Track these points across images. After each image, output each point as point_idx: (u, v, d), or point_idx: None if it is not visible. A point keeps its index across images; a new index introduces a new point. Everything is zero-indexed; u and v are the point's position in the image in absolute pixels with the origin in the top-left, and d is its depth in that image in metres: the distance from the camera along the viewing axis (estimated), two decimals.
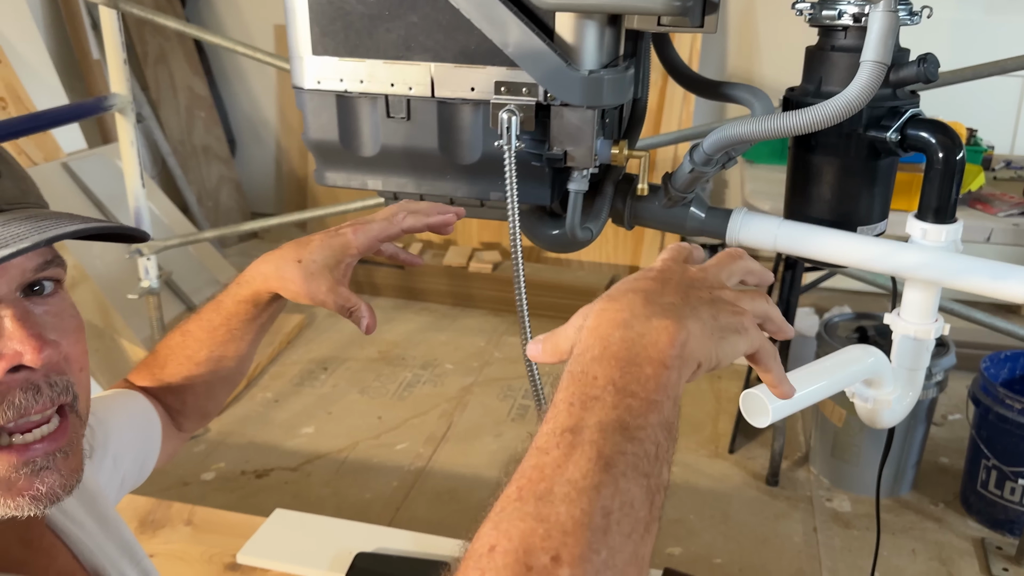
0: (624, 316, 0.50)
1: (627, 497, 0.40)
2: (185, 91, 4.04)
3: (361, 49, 0.88)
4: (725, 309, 0.53)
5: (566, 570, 0.36)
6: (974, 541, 2.06)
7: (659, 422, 0.44)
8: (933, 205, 0.87)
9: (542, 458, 0.41)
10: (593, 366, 0.47)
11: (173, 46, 3.98)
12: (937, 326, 0.91)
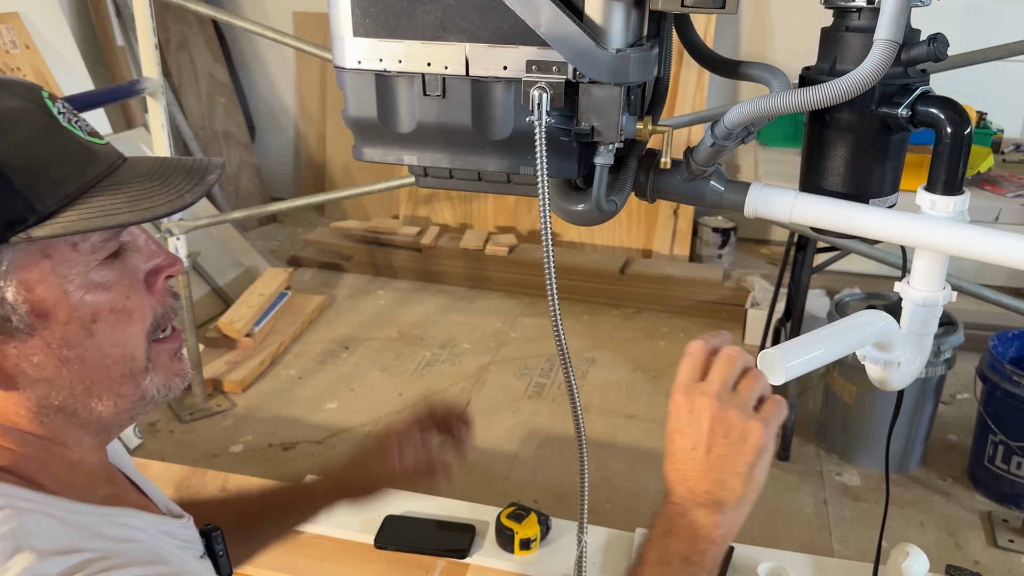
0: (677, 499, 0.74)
1: None
2: (206, 77, 4.07)
3: (400, 30, 0.92)
4: (740, 451, 0.72)
5: None
6: (981, 514, 2.09)
7: (710, 569, 0.72)
8: (942, 178, 0.90)
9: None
10: (666, 540, 0.72)
11: (194, 33, 4.02)
12: (945, 293, 0.94)
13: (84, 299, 0.57)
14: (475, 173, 1.03)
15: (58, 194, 0.55)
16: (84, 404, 0.60)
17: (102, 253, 0.59)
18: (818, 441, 2.38)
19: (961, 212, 0.91)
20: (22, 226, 0.53)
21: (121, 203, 0.57)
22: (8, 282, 0.54)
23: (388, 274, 3.58)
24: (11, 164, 0.53)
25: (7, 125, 0.54)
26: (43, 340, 0.57)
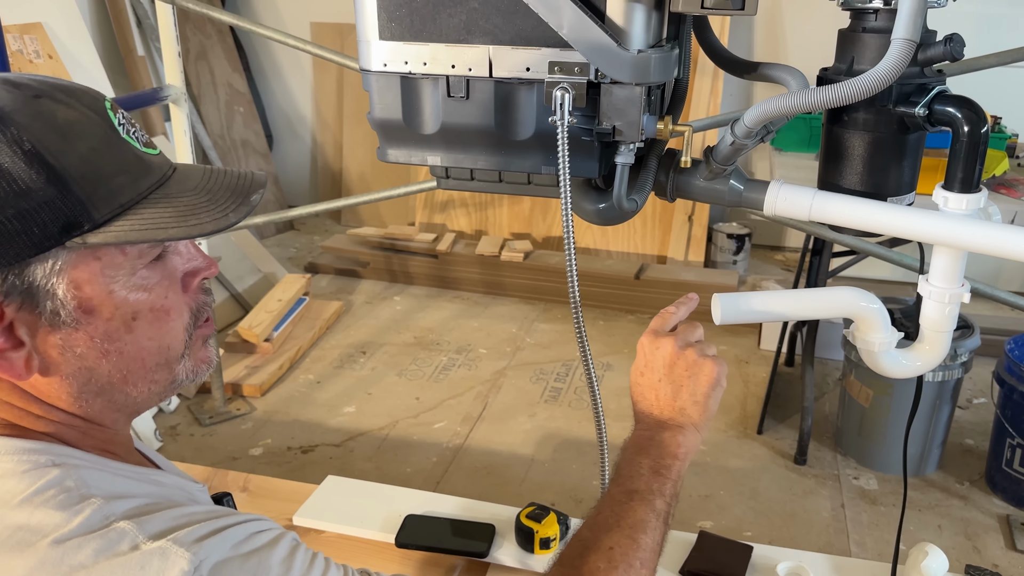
0: (645, 428, 0.87)
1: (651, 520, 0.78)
2: (225, 87, 4.12)
3: (425, 33, 0.94)
4: (696, 381, 0.86)
5: None
6: (999, 518, 2.08)
7: (675, 479, 0.82)
8: (959, 176, 0.91)
9: (619, 510, 0.79)
10: (638, 457, 0.84)
11: (213, 43, 4.06)
12: (963, 290, 0.95)
13: (127, 298, 0.61)
14: (496, 174, 1.04)
15: (113, 204, 0.58)
16: (120, 390, 0.64)
17: (146, 258, 0.62)
18: (835, 445, 2.37)
19: (981, 209, 0.92)
20: (78, 231, 0.56)
21: (170, 217, 0.60)
22: (60, 280, 0.58)
23: (404, 280, 3.59)
24: (73, 173, 0.56)
25: (73, 135, 0.57)
26: (87, 333, 0.60)
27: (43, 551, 0.54)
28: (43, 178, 0.55)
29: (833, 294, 0.98)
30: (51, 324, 0.59)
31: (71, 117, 0.58)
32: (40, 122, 0.56)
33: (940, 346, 0.98)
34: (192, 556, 0.54)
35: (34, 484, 0.57)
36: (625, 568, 0.74)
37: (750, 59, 1.07)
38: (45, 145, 0.55)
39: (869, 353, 0.99)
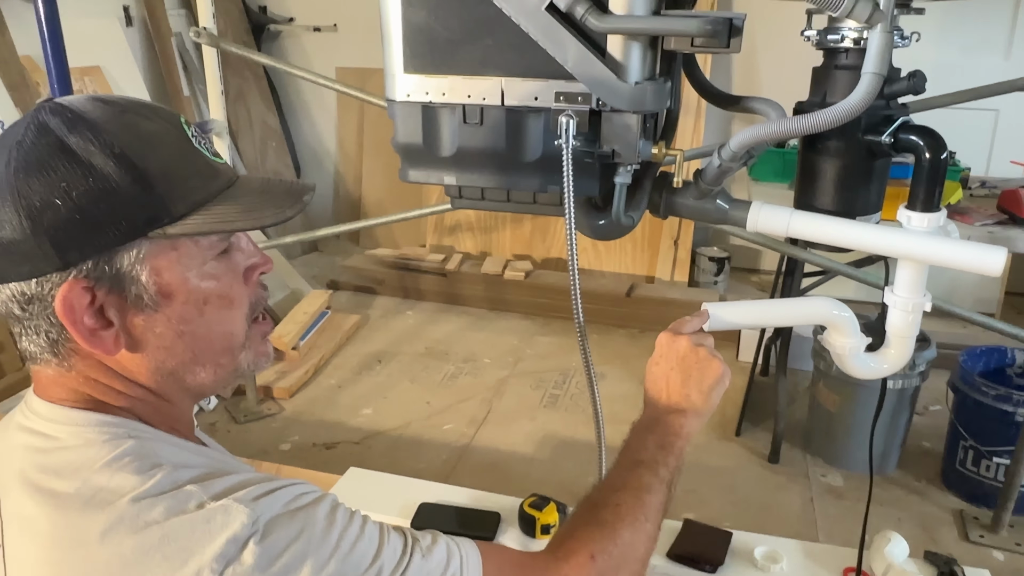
0: (654, 409, 0.89)
1: (656, 484, 0.80)
2: (260, 124, 4.13)
3: (444, 67, 0.95)
4: (703, 375, 0.88)
5: None
6: (953, 512, 2.07)
7: (678, 454, 0.85)
8: (921, 197, 0.92)
9: (626, 475, 0.81)
10: (645, 434, 0.86)
11: (250, 86, 4.09)
12: (925, 300, 0.95)
13: (199, 286, 0.63)
14: (505, 194, 1.05)
15: (188, 201, 0.60)
16: (190, 370, 0.65)
17: (216, 250, 0.64)
18: (804, 446, 2.36)
19: (940, 227, 0.92)
20: (158, 224, 0.59)
21: (236, 213, 0.62)
22: (143, 267, 0.59)
23: (416, 296, 3.59)
24: (155, 174, 0.58)
25: (154, 143, 0.60)
26: (165, 315, 0.62)
27: (122, 508, 0.55)
28: (130, 178, 0.57)
29: (810, 303, 0.99)
30: (135, 307, 0.60)
31: (152, 128, 0.61)
32: (127, 131, 0.59)
33: (904, 351, 0.98)
34: (250, 511, 0.55)
35: (113, 452, 0.58)
36: (631, 521, 0.75)
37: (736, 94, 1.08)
38: (132, 150, 0.58)
39: (840, 357, 0.99)
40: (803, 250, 1.80)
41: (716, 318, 0.94)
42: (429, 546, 0.64)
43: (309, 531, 0.57)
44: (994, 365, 2.20)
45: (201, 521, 0.54)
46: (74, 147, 0.56)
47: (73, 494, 0.57)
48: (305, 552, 0.56)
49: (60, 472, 0.58)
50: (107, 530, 0.54)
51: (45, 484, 0.58)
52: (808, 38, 0.95)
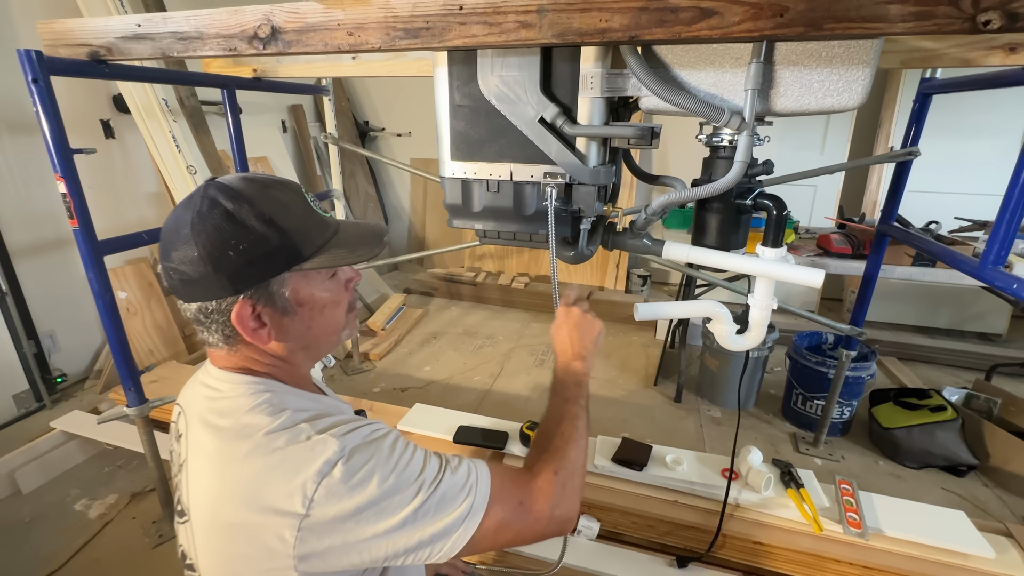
0: (563, 360, 0.81)
1: (580, 412, 0.74)
2: (363, 193, 4.13)
3: (475, 156, 0.94)
4: (592, 332, 0.82)
5: None
6: (789, 434, 2.04)
7: (586, 388, 0.78)
8: (771, 237, 0.90)
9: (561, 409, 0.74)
10: (565, 377, 0.78)
11: (357, 169, 4.09)
12: (773, 303, 0.94)
13: (321, 297, 0.61)
14: (512, 235, 1.04)
15: (312, 246, 0.59)
16: (316, 345, 0.64)
17: (329, 273, 0.63)
18: (697, 392, 2.34)
19: (784, 256, 0.91)
20: (296, 263, 0.58)
21: (345, 252, 0.61)
22: (286, 289, 0.59)
23: (458, 298, 3.57)
24: (291, 230, 0.57)
25: (289, 208, 0.58)
26: (300, 317, 0.61)
27: (258, 439, 0.54)
28: (276, 234, 0.56)
29: (703, 303, 0.96)
30: (281, 312, 0.59)
31: (286, 198, 0.59)
32: (271, 202, 0.57)
33: (759, 333, 0.96)
34: (340, 443, 0.54)
35: (255, 401, 0.57)
36: (573, 443, 0.71)
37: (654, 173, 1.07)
38: (276, 215, 0.57)
39: (720, 337, 0.97)
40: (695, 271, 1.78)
41: (643, 312, 0.92)
42: (456, 466, 0.60)
43: (377, 455, 0.55)
44: (814, 343, 2.17)
45: (308, 448, 0.53)
46: (236, 214, 0.55)
47: (228, 428, 0.55)
48: (373, 469, 0.54)
49: (222, 413, 0.57)
50: (248, 453, 0.53)
51: (212, 421, 0.57)
52: (700, 139, 0.93)
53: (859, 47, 0.73)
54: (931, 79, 1.38)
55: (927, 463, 1.83)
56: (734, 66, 0.79)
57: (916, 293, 2.93)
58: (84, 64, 1.06)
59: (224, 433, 0.55)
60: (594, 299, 3.26)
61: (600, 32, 0.75)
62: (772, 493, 1.18)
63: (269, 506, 0.51)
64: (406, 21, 0.83)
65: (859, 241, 2.04)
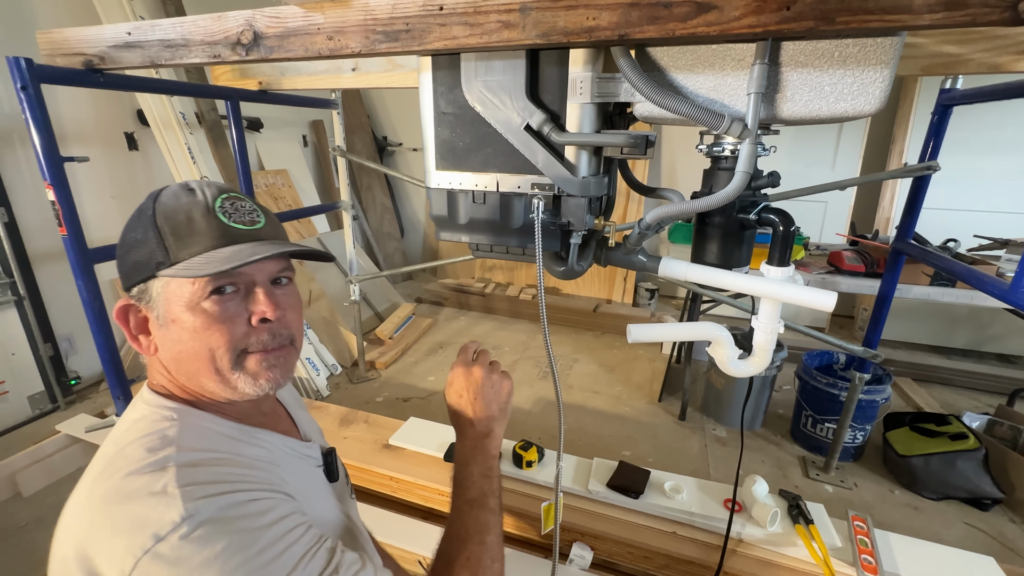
0: (467, 440, 0.65)
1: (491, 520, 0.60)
2: (380, 205, 4.12)
3: (460, 166, 0.86)
4: (499, 396, 0.66)
5: None
6: (798, 457, 1.90)
7: (498, 474, 0.63)
8: (776, 255, 0.80)
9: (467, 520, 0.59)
10: (469, 467, 0.63)
11: (374, 182, 4.08)
12: (779, 326, 0.83)
13: (185, 317, 0.51)
14: (504, 248, 0.95)
15: (187, 252, 0.50)
16: (195, 379, 0.53)
17: (205, 292, 0.51)
18: (702, 410, 2.21)
19: (791, 276, 0.80)
20: (163, 267, 0.51)
21: (200, 263, 0.50)
22: (163, 296, 0.51)
23: (466, 308, 3.50)
24: (171, 231, 0.51)
25: (181, 210, 0.51)
26: (171, 334, 0.52)
27: (115, 481, 0.44)
28: (154, 233, 0.51)
29: (701, 326, 0.86)
30: (159, 324, 0.52)
31: (188, 200, 0.52)
32: (172, 202, 0.52)
33: (764, 358, 0.85)
34: (186, 508, 0.42)
35: (150, 429, 0.48)
36: (483, 569, 0.56)
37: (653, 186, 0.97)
38: (166, 215, 0.51)
39: (721, 362, 0.87)
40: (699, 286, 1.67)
41: (636, 335, 0.82)
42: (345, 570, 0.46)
43: (235, 536, 0.42)
44: (825, 363, 2.02)
45: (150, 506, 0.42)
46: (142, 212, 0.52)
47: (107, 458, 0.47)
48: (220, 553, 0.41)
49: (114, 440, 0.49)
50: (103, 496, 0.44)
51: (104, 447, 0.49)
52: (701, 150, 0.84)
53: (876, 46, 0.63)
54: (951, 89, 1.26)
55: (947, 494, 1.67)
56: (736, 68, 0.69)
57: (931, 312, 2.75)
58: (77, 73, 1.02)
59: (101, 463, 0.47)
60: (601, 312, 3.15)
61: (587, 31, 0.66)
62: (779, 529, 1.06)
63: (91, 567, 0.42)
64: (385, 23, 0.76)
65: (872, 259, 1.90)
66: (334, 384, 2.42)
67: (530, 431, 2.04)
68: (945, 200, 2.75)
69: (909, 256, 1.44)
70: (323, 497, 0.60)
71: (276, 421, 0.63)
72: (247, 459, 0.50)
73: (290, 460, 0.57)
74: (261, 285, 0.54)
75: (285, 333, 0.55)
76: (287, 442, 0.59)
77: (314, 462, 0.62)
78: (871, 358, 1.50)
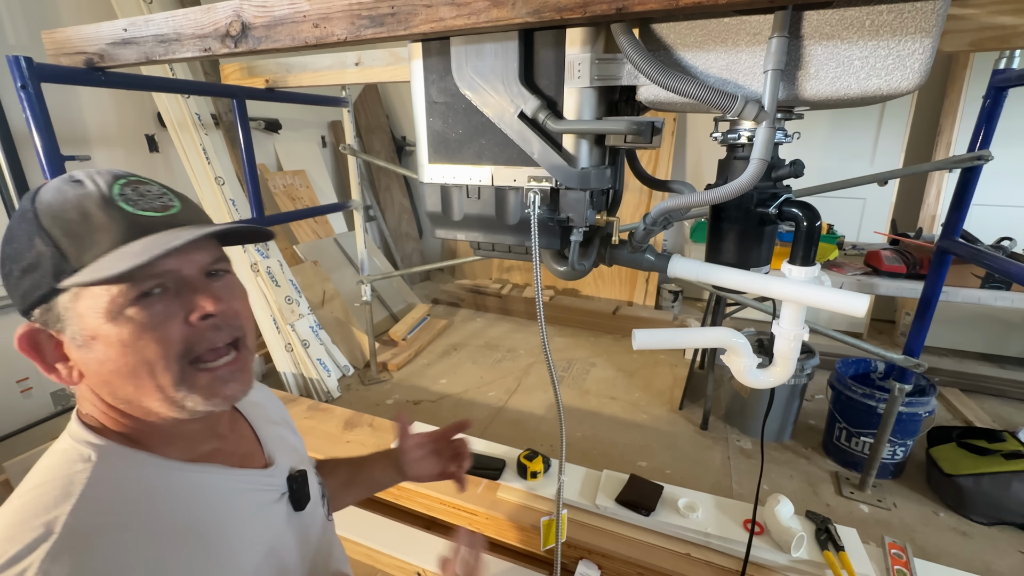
0: None
1: None
2: (398, 205, 4.12)
3: (454, 159, 0.82)
4: None
5: None
6: (831, 473, 1.78)
7: None
8: (800, 254, 0.73)
9: None
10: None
11: (392, 182, 4.09)
12: (803, 332, 0.75)
13: (105, 329, 0.43)
14: (506, 247, 0.90)
15: (92, 253, 0.42)
16: (137, 403, 0.45)
17: (129, 296, 0.43)
18: (725, 419, 2.11)
19: (815, 278, 0.72)
20: (65, 275, 0.42)
21: (114, 259, 0.42)
22: (73, 312, 0.43)
23: (483, 309, 3.47)
24: (64, 231, 0.42)
25: (71, 204, 0.43)
26: (95, 354, 0.44)
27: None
28: (43, 238, 0.42)
29: (715, 332, 0.79)
30: (76, 345, 0.44)
31: (77, 192, 0.44)
32: (58, 198, 0.43)
33: (787, 368, 0.78)
34: None
35: (54, 474, 0.42)
36: None
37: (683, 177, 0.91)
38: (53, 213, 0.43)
39: (738, 372, 0.79)
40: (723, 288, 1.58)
41: (641, 340, 0.76)
42: None
43: None
44: (861, 371, 1.89)
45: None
46: (24, 216, 0.43)
47: (12, 498, 0.41)
48: None
49: (31, 474, 0.43)
50: None
51: (26, 478, 0.43)
52: (715, 138, 0.77)
53: (915, 11, 0.55)
54: (1006, 70, 1.15)
55: (1000, 519, 1.53)
56: (751, 44, 0.63)
57: (982, 317, 2.55)
58: (77, 72, 1.02)
59: (10, 499, 0.41)
60: (621, 314, 3.06)
61: (582, 6, 0.60)
62: (804, 555, 0.97)
63: None
64: (371, 7, 0.72)
65: (915, 259, 1.76)
66: (345, 385, 2.42)
67: (541, 438, 1.98)
68: (997, 195, 2.56)
69: (956, 256, 1.32)
70: (275, 535, 0.52)
71: (236, 442, 0.56)
72: (158, 528, 0.43)
73: (238, 498, 0.50)
74: (194, 280, 0.46)
75: (235, 324, 0.48)
76: (238, 477, 0.52)
77: (273, 493, 0.55)
78: (913, 367, 1.38)
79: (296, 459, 0.62)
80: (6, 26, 1.94)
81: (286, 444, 0.63)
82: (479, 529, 1.15)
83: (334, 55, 1.40)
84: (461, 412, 2.18)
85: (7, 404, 2.00)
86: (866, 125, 2.79)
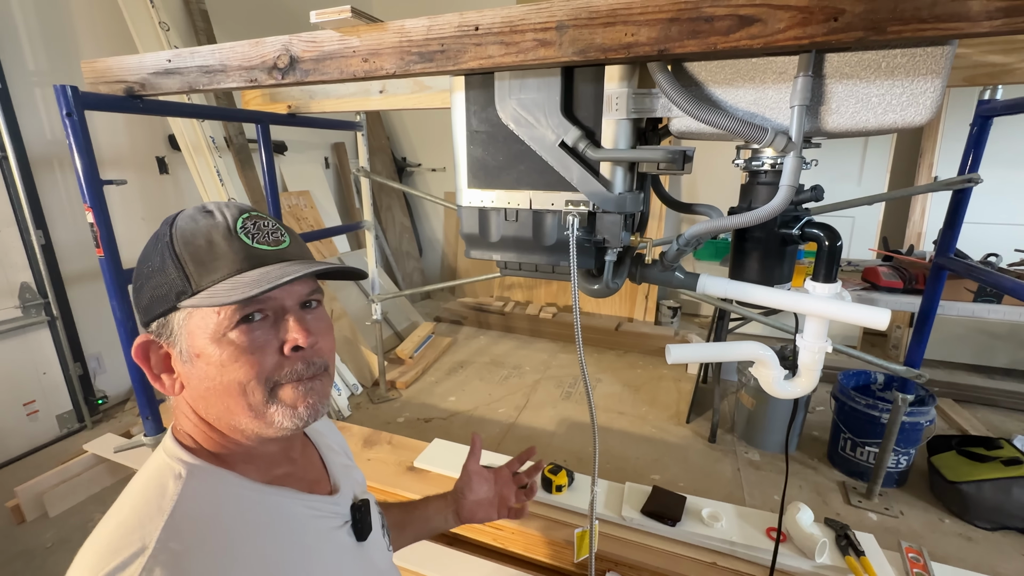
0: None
1: None
2: (399, 224, 4.16)
3: (493, 184, 0.86)
4: None
5: None
6: (838, 483, 1.81)
7: None
8: (823, 271, 0.78)
9: None
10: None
11: (393, 202, 4.13)
12: (827, 345, 0.80)
13: (210, 350, 0.47)
14: (534, 266, 0.94)
15: (209, 279, 0.46)
16: (227, 419, 0.49)
17: (232, 321, 0.47)
18: (733, 431, 2.14)
19: (837, 294, 0.77)
20: (184, 296, 0.47)
21: (227, 288, 0.46)
22: (185, 330, 0.47)
23: (487, 327, 3.49)
24: (190, 257, 0.47)
25: (200, 233, 0.47)
26: (197, 370, 0.47)
27: (84, 560, 0.42)
28: (172, 261, 0.47)
29: (746, 346, 0.83)
30: (183, 360, 0.48)
31: (206, 223, 0.48)
32: (189, 226, 0.48)
33: (812, 379, 0.82)
34: None
35: (149, 489, 0.45)
36: None
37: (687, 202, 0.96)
38: (184, 240, 0.47)
39: (766, 383, 0.83)
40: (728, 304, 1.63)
41: (676, 355, 0.79)
42: None
43: None
44: (862, 383, 1.95)
45: None
46: (159, 239, 0.47)
47: (113, 508, 0.43)
48: None
49: (130, 486, 0.46)
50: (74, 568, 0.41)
51: (126, 488, 0.46)
52: (738, 164, 0.82)
53: (927, 55, 0.62)
54: (990, 100, 1.23)
55: (1003, 524, 1.57)
56: (777, 81, 0.68)
57: (969, 329, 2.64)
58: (118, 99, 1.05)
59: (90, 537, 0.42)
60: (623, 330, 3.10)
61: (626, 47, 0.66)
62: (827, 560, 1.00)
63: None
64: (420, 45, 0.77)
65: (910, 275, 1.83)
66: (355, 404, 2.41)
67: (555, 453, 1.99)
68: (981, 214, 2.67)
69: (952, 271, 1.39)
70: (339, 563, 0.53)
71: (305, 468, 0.57)
72: (242, 552, 0.44)
73: (307, 524, 0.51)
74: (291, 310, 0.50)
75: (319, 362, 0.51)
76: (308, 502, 0.53)
77: (337, 521, 0.56)
78: (914, 378, 1.43)
79: (359, 489, 0.64)
80: (26, 53, 1.97)
81: (349, 473, 0.64)
82: (505, 545, 1.16)
83: (358, 83, 1.45)
84: (473, 429, 2.19)
85: (14, 427, 1.97)
86: (853, 148, 2.91)
